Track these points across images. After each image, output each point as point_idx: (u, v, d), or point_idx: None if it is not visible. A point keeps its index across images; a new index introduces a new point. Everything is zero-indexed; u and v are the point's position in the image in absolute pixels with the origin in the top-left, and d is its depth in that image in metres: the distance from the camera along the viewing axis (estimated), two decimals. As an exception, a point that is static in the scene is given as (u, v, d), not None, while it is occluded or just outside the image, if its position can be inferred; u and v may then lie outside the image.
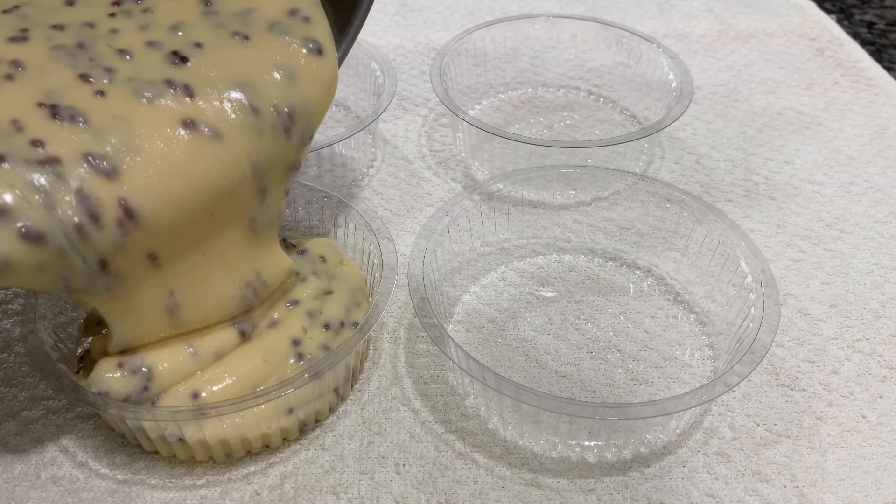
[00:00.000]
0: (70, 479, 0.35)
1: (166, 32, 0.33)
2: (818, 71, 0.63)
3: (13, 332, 0.42)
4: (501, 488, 0.35)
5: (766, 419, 0.38)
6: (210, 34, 0.33)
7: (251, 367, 0.34)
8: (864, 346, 0.42)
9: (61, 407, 0.38)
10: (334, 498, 0.35)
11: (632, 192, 0.46)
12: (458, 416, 0.38)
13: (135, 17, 0.34)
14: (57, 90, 0.30)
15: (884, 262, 0.47)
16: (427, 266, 0.39)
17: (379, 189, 0.51)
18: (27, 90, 0.30)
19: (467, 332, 0.42)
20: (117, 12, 0.34)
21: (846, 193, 0.51)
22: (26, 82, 0.30)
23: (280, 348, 0.35)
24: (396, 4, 0.72)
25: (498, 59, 0.61)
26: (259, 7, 0.34)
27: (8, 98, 0.30)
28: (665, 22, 0.70)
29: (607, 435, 0.36)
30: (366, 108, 0.56)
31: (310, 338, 0.36)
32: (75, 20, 0.33)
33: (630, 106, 0.58)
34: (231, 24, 0.34)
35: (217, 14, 0.34)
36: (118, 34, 0.33)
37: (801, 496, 0.35)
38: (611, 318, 0.43)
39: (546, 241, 0.47)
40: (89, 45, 0.32)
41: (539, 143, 0.49)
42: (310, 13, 0.34)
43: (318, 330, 0.36)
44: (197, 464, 0.36)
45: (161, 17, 0.34)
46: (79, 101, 0.30)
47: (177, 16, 0.34)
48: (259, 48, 0.33)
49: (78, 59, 0.31)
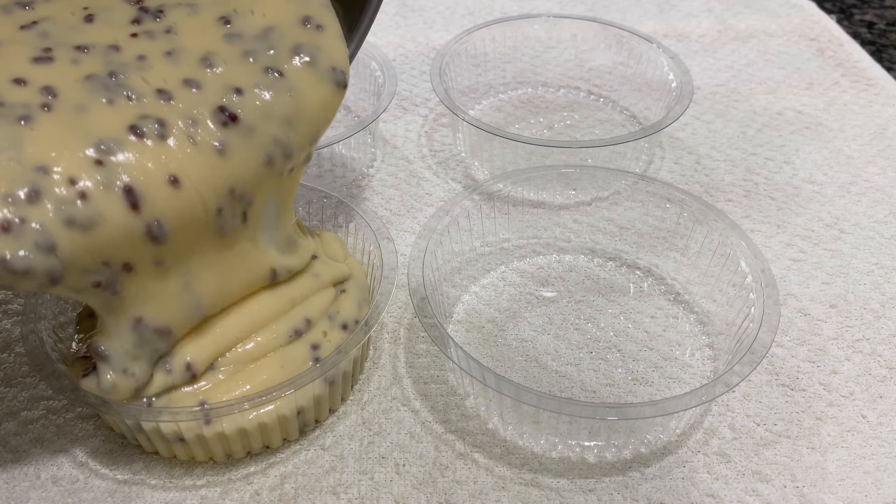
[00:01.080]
0: (70, 479, 0.35)
1: (198, 66, 0.33)
2: (818, 71, 0.63)
3: (13, 332, 0.42)
4: (501, 488, 0.35)
5: (766, 419, 0.38)
6: (244, 71, 0.33)
7: (268, 376, 0.34)
8: (864, 346, 0.42)
9: (61, 407, 0.38)
10: (334, 498, 0.35)
11: (632, 192, 0.46)
12: (458, 416, 0.38)
13: (158, 39, 0.33)
14: (109, 140, 0.30)
15: (884, 262, 0.47)
16: (427, 266, 0.39)
17: (379, 189, 0.51)
18: (72, 132, 0.30)
19: (467, 332, 0.42)
20: (139, 33, 0.33)
21: (846, 193, 0.51)
22: (68, 121, 0.30)
23: (300, 354, 0.35)
24: (396, 4, 0.72)
25: (498, 59, 0.61)
26: (276, 23, 0.34)
27: (54, 140, 0.29)
28: (665, 22, 0.70)
29: (607, 435, 0.36)
30: (366, 108, 0.56)
31: (328, 340, 0.36)
32: (98, 41, 0.33)
33: (630, 106, 0.58)
34: (260, 55, 0.33)
35: (240, 37, 0.34)
36: (148, 63, 0.32)
37: (801, 496, 0.35)
38: (611, 318, 0.43)
39: (546, 241, 0.47)
40: (122, 76, 0.32)
41: (539, 143, 0.49)
42: (322, 21, 0.35)
43: (336, 332, 0.37)
44: (197, 464, 0.36)
45: (186, 40, 0.33)
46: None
47: (200, 39, 0.33)
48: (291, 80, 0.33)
49: (113, 93, 0.31)
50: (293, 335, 0.36)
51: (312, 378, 0.34)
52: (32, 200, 0.28)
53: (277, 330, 0.35)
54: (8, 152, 0.28)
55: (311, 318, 0.36)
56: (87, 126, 0.30)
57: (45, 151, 0.29)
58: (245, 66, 0.33)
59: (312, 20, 0.34)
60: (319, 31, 0.34)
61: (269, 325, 0.35)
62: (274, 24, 0.34)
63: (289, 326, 0.36)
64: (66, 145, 0.29)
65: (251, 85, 0.32)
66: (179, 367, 0.33)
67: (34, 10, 0.34)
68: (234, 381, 0.34)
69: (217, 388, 0.34)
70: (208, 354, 0.34)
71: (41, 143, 0.29)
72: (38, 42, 0.32)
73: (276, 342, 0.35)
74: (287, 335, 0.35)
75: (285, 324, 0.36)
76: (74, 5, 0.34)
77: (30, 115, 0.29)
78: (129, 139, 0.30)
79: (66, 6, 0.34)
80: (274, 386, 0.34)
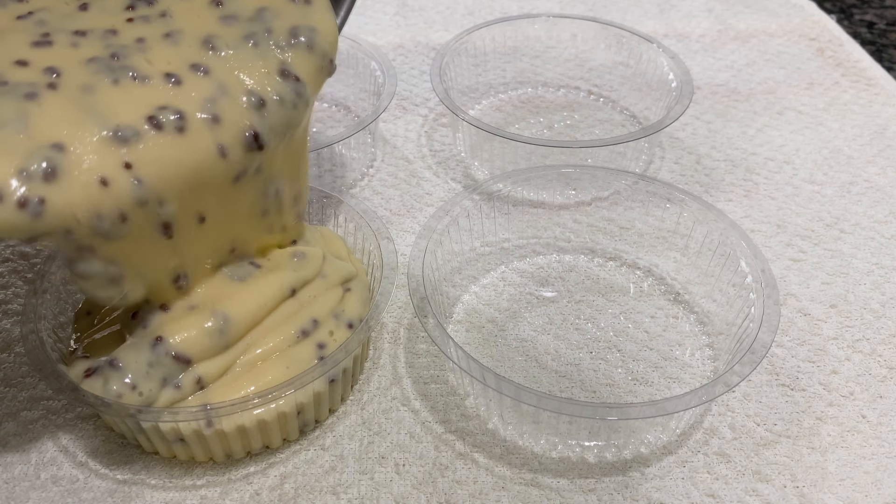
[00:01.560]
0: (70, 479, 0.35)
1: (199, 47, 0.33)
2: (818, 71, 0.63)
3: (13, 332, 0.42)
4: (501, 488, 0.35)
5: (766, 419, 0.38)
6: (249, 58, 0.33)
7: (273, 377, 0.34)
8: (864, 346, 0.42)
9: (61, 407, 0.38)
10: (334, 498, 0.35)
11: (632, 192, 0.46)
12: (458, 416, 0.38)
13: (154, 23, 0.33)
14: (126, 128, 0.30)
15: (884, 262, 0.47)
16: (427, 266, 0.39)
17: (379, 189, 0.51)
18: (83, 111, 0.30)
19: (467, 332, 0.42)
20: (135, 18, 0.34)
21: (846, 193, 0.51)
22: (76, 100, 0.30)
23: (306, 354, 0.35)
24: (396, 4, 0.72)
25: (498, 59, 0.61)
26: (268, 5, 0.34)
27: (65, 118, 0.29)
28: (665, 22, 0.70)
29: (607, 435, 0.36)
30: (366, 107, 0.56)
31: (334, 339, 0.36)
32: (96, 26, 0.33)
33: (630, 106, 0.58)
34: (259, 38, 0.34)
35: (236, 19, 0.34)
36: (147, 45, 0.32)
37: (801, 496, 0.35)
38: (611, 318, 0.43)
39: (546, 241, 0.47)
40: (124, 58, 0.32)
41: (539, 143, 0.49)
42: None
43: (343, 330, 0.37)
44: (197, 464, 0.36)
45: (183, 22, 0.33)
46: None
47: (197, 22, 0.34)
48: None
49: (118, 74, 0.31)
50: (300, 336, 0.36)
51: (313, 378, 0.34)
52: (49, 178, 0.28)
53: (286, 332, 0.35)
54: (15, 125, 0.28)
55: (319, 318, 0.36)
56: (98, 106, 0.30)
57: (56, 128, 0.29)
58: (247, 51, 0.33)
59: None
60: (307, 3, 0.34)
61: (279, 327, 0.36)
62: (265, 5, 0.34)
63: (297, 328, 0.36)
64: (79, 124, 0.29)
65: (263, 83, 0.33)
66: (189, 384, 0.34)
67: (28, 3, 0.34)
68: (238, 382, 0.34)
69: (220, 390, 0.34)
70: (220, 369, 0.34)
71: (50, 119, 0.29)
72: (35, 29, 0.32)
73: (283, 343, 0.35)
74: (295, 336, 0.35)
75: (293, 325, 0.36)
76: None
77: (36, 92, 0.29)
78: (146, 130, 0.30)
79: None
80: (275, 386, 0.34)
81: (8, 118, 0.29)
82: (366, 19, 0.69)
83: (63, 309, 0.39)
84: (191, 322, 0.34)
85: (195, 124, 0.31)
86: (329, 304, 0.37)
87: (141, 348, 0.33)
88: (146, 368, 0.33)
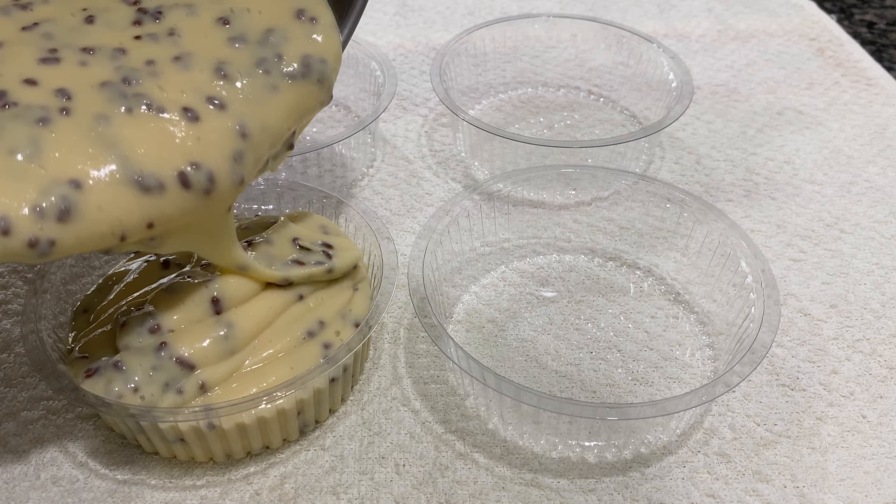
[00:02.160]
0: (70, 480, 0.35)
1: (212, 75, 0.32)
2: (818, 71, 0.63)
3: (13, 332, 0.42)
4: (501, 488, 0.35)
5: (766, 419, 0.38)
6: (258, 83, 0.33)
7: (277, 377, 0.34)
8: (864, 346, 0.42)
9: (61, 407, 0.38)
10: (334, 498, 0.35)
11: (632, 192, 0.46)
12: (458, 416, 0.38)
13: (162, 42, 0.32)
14: (149, 175, 0.29)
15: (884, 262, 0.47)
16: (427, 266, 0.39)
17: (379, 189, 0.51)
18: (97, 145, 0.29)
19: (467, 332, 0.42)
20: (142, 35, 0.33)
21: (846, 193, 0.51)
22: (89, 129, 0.29)
23: (311, 354, 0.35)
24: (396, 4, 0.72)
25: (498, 59, 0.61)
26: (275, 25, 0.34)
27: (79, 151, 0.28)
28: (665, 22, 0.70)
29: (607, 435, 0.36)
30: (366, 107, 0.56)
31: (340, 339, 0.36)
32: (103, 43, 0.32)
33: (630, 106, 0.58)
34: (270, 63, 0.33)
35: (245, 41, 0.33)
36: (158, 68, 0.31)
37: (801, 496, 0.35)
38: (611, 318, 0.43)
39: (546, 241, 0.47)
40: (135, 82, 0.31)
41: (539, 143, 0.49)
42: (315, 13, 0.35)
43: (349, 330, 0.37)
44: (197, 464, 0.36)
45: (191, 44, 0.33)
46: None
47: (205, 44, 0.33)
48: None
49: (131, 102, 0.30)
50: (307, 337, 0.36)
51: (313, 377, 0.34)
52: (63, 219, 0.27)
53: (292, 334, 0.35)
54: (28, 151, 0.27)
55: (325, 319, 0.36)
56: (115, 141, 0.29)
57: (72, 161, 0.28)
58: (258, 78, 0.33)
59: (306, 13, 0.34)
60: (314, 23, 0.34)
61: (285, 330, 0.36)
62: (272, 25, 0.34)
63: (303, 330, 0.36)
64: (97, 161, 0.28)
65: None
66: (192, 388, 0.33)
67: (33, 12, 0.33)
68: (241, 385, 0.34)
69: (223, 394, 0.34)
70: (224, 374, 0.34)
71: (65, 150, 0.28)
72: (42, 43, 0.32)
73: (289, 345, 0.35)
74: (301, 338, 0.35)
75: (300, 328, 0.36)
76: (73, 6, 0.34)
77: (48, 117, 0.28)
78: (174, 187, 0.29)
79: (65, 7, 0.34)
80: (276, 386, 0.34)
81: (21, 144, 0.27)
82: (366, 19, 0.69)
83: (63, 309, 0.39)
84: (196, 328, 0.34)
85: (223, 185, 0.30)
86: (337, 304, 0.37)
87: (145, 352, 0.33)
88: (149, 372, 0.33)
